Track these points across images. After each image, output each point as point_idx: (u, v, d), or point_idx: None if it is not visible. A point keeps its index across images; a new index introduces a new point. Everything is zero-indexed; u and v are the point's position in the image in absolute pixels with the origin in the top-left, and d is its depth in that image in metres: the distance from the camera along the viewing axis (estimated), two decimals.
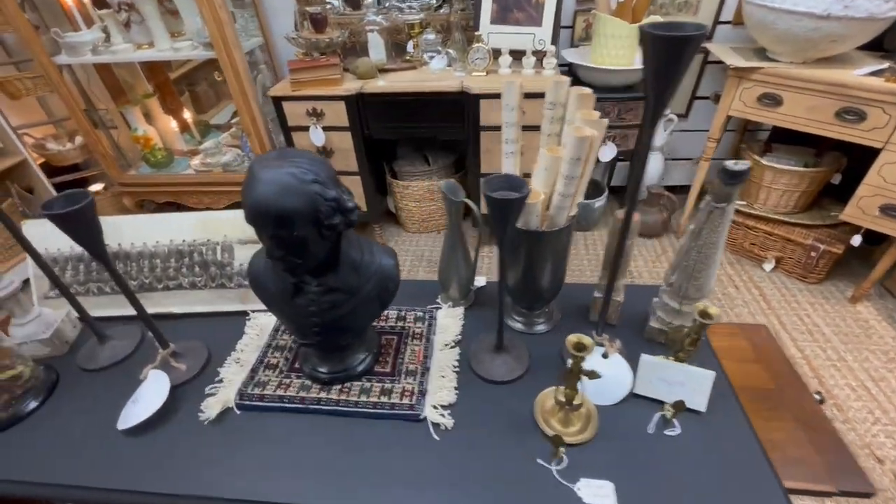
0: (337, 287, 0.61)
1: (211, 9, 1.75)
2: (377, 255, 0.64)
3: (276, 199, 0.48)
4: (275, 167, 0.50)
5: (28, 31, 1.88)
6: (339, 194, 0.52)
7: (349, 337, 0.67)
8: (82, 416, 0.70)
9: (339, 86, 1.78)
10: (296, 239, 0.52)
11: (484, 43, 1.74)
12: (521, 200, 0.52)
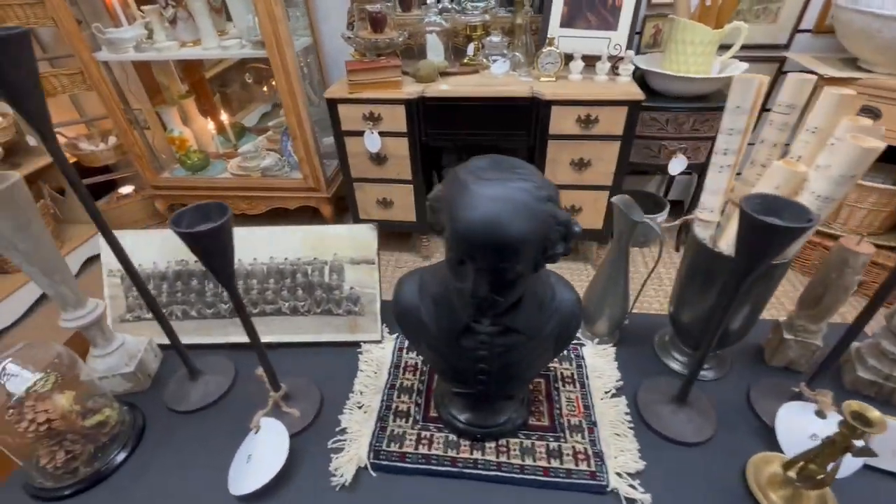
0: (515, 328, 0.49)
1: (266, 5, 1.65)
2: (558, 289, 0.52)
3: (508, 222, 0.36)
4: (499, 180, 0.38)
5: (71, 24, 1.78)
6: (568, 216, 0.40)
7: (517, 385, 0.55)
8: (181, 473, 0.58)
9: (400, 89, 1.68)
10: (515, 273, 0.40)
11: (555, 46, 1.63)
12: (802, 230, 0.40)
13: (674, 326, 0.68)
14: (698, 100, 1.73)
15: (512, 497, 0.54)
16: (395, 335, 0.75)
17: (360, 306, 0.73)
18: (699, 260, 0.59)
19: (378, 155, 1.80)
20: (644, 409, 0.61)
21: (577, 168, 1.73)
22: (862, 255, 0.54)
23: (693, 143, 1.78)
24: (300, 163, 2.07)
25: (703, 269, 0.58)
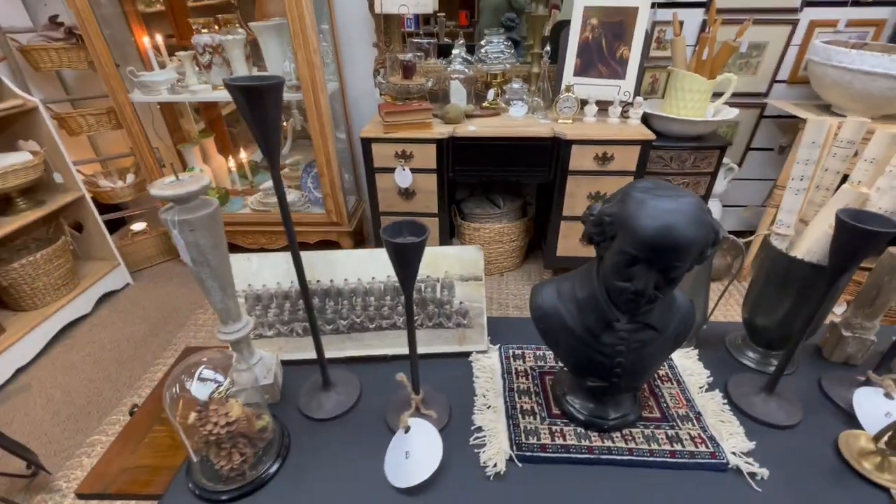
0: (651, 324, 0.58)
1: (307, 53, 1.78)
2: (676, 293, 0.62)
3: (683, 227, 0.46)
4: (670, 196, 0.48)
5: (111, 67, 1.86)
6: (718, 225, 0.50)
7: (645, 378, 0.63)
8: (335, 473, 0.62)
9: (431, 129, 1.81)
10: (681, 271, 0.49)
11: (573, 93, 1.82)
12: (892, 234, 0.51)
13: (748, 329, 0.78)
14: (696, 140, 1.92)
15: (641, 479, 0.61)
16: (497, 345, 0.82)
17: (469, 319, 0.80)
18: (777, 268, 0.70)
19: (407, 190, 1.90)
20: (738, 400, 0.70)
21: (594, 201, 1.87)
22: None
23: (694, 178, 1.96)
24: (325, 198, 2.15)
25: (782, 275, 0.70)
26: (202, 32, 1.94)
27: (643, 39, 1.80)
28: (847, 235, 0.52)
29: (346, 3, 2.02)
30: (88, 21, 1.77)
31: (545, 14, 1.87)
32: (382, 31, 1.99)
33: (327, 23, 2.02)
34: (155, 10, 2.27)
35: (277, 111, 0.49)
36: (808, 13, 1.94)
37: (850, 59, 1.63)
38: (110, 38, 1.90)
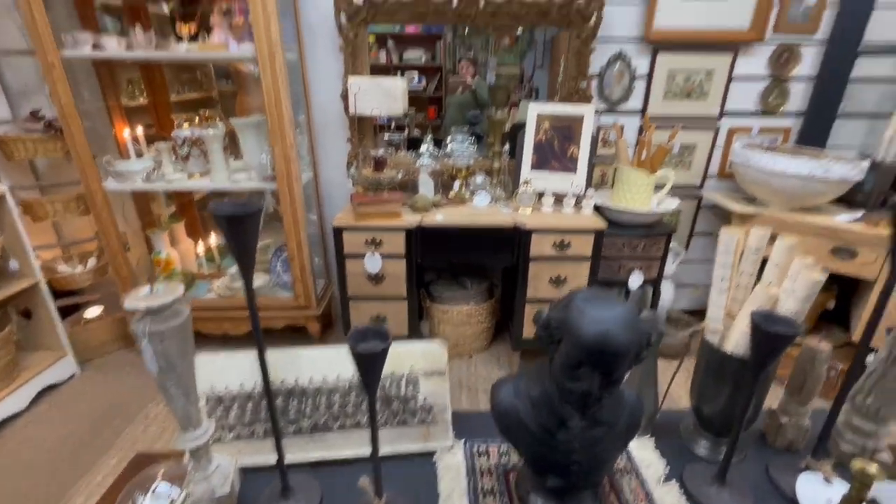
0: (602, 420, 0.62)
1: (284, 148, 1.90)
2: (622, 388, 0.67)
3: (620, 333, 0.52)
4: (608, 305, 0.55)
5: (87, 157, 1.91)
6: (649, 329, 0.57)
7: (602, 473, 0.65)
8: None
9: (401, 218, 1.91)
10: (620, 373, 0.55)
11: (528, 186, 1.99)
12: (794, 336, 0.59)
13: (697, 416, 0.83)
14: (645, 227, 2.10)
15: None
16: (462, 440, 0.83)
17: (433, 415, 0.81)
18: (712, 361, 0.76)
19: (377, 275, 1.95)
20: (694, 491, 0.72)
21: (556, 284, 1.97)
22: (824, 351, 0.75)
23: (646, 262, 2.11)
24: (294, 282, 2.16)
25: (717, 367, 0.76)
26: (184, 127, 2.05)
27: (590, 141, 2.03)
28: (760, 336, 0.60)
29: (322, 101, 2.21)
30: (70, 115, 1.85)
31: (504, 118, 2.10)
32: (356, 128, 2.16)
33: (304, 113, 2.18)
34: (138, 103, 2.39)
35: (255, 234, 0.54)
36: (726, 121, 2.26)
37: (764, 161, 1.88)
38: (90, 130, 1.98)
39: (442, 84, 3.61)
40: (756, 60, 2.14)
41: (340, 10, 1.96)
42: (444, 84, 3.60)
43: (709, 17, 2.04)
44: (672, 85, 2.18)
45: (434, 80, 3.69)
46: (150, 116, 2.39)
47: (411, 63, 3.69)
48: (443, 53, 3.62)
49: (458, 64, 3.49)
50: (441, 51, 3.61)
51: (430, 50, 3.65)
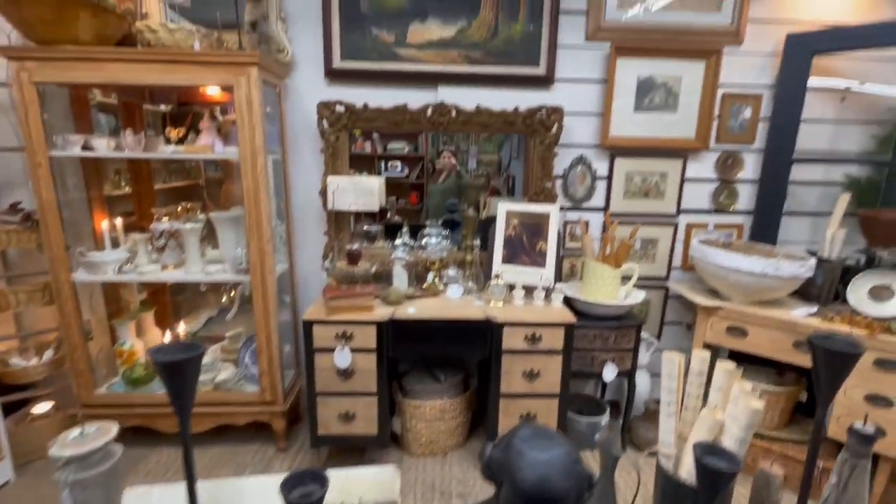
0: None
1: (260, 243, 1.94)
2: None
3: (559, 480, 0.52)
4: (546, 447, 0.55)
5: (60, 250, 1.91)
6: (589, 474, 0.57)
7: None
8: None
9: (372, 312, 1.91)
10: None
11: (500, 279, 2.04)
12: (734, 474, 0.59)
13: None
14: (615, 319, 2.13)
15: None
16: None
17: None
18: (668, 487, 0.75)
19: (346, 370, 1.90)
20: None
21: (529, 378, 1.95)
22: (777, 477, 0.74)
23: (619, 354, 2.12)
24: (261, 375, 2.09)
25: (672, 495, 0.75)
26: (163, 221, 2.09)
27: (556, 236, 2.14)
28: (702, 472, 0.60)
29: (302, 197, 2.30)
30: (49, 209, 1.88)
31: (475, 215, 2.21)
32: (333, 222, 2.24)
33: (283, 206, 2.26)
34: (122, 192, 2.46)
35: (194, 380, 0.54)
36: (684, 218, 2.41)
37: (720, 258, 1.99)
38: (69, 220, 2.01)
39: (424, 172, 3.83)
40: (704, 165, 2.35)
41: (323, 117, 2.13)
42: (425, 172, 3.82)
43: (658, 129, 2.27)
44: (631, 185, 2.35)
45: (416, 168, 3.93)
46: (132, 204, 2.44)
47: (395, 153, 3.94)
48: (425, 144, 3.88)
49: (440, 154, 3.74)
50: (423, 142, 3.88)
51: (413, 141, 3.92)
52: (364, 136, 3.95)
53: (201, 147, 1.97)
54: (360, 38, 2.13)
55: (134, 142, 1.93)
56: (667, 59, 2.20)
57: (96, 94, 2.24)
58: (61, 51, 1.71)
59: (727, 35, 2.19)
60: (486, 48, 2.16)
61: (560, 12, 2.13)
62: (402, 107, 2.14)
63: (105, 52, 1.74)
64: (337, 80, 2.19)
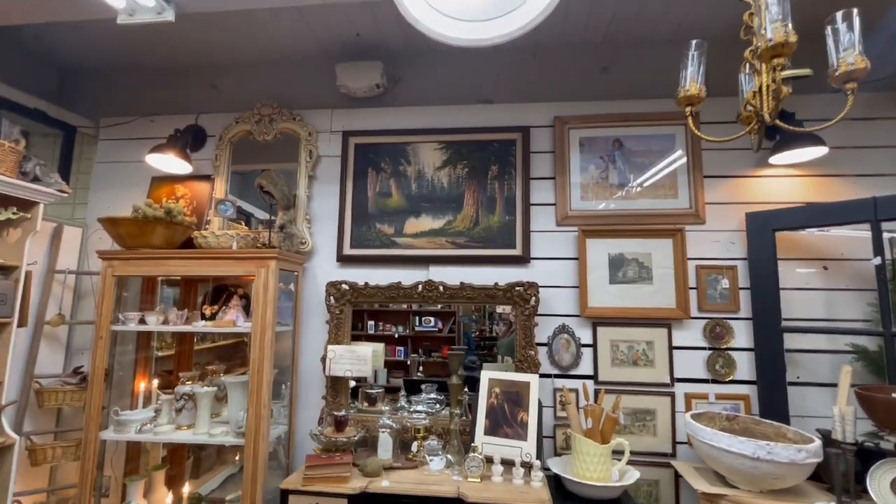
0: None
1: (258, 407, 2.15)
2: None
3: None
4: None
5: (97, 408, 2.23)
6: None
7: None
8: None
9: (347, 483, 1.95)
10: None
11: (479, 453, 2.03)
12: None
13: None
14: (610, 502, 1.97)
15: None
16: None
17: None
18: None
19: None
20: None
21: None
22: None
23: None
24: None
25: None
26: (186, 384, 2.40)
27: (537, 407, 2.15)
28: None
29: (309, 362, 2.56)
30: (98, 373, 2.26)
31: (460, 383, 2.31)
32: (329, 387, 2.43)
33: (290, 372, 2.50)
34: (169, 353, 2.87)
35: None
36: (681, 387, 2.33)
37: (708, 436, 1.87)
38: (117, 380, 2.37)
39: (457, 325, 4.05)
40: (691, 333, 2.37)
41: (330, 294, 2.51)
42: (458, 325, 4.03)
43: (636, 299, 2.39)
44: (617, 353, 2.39)
45: (449, 322, 4.17)
46: (174, 362, 2.82)
47: (429, 310, 4.25)
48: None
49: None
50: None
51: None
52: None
53: (226, 322, 2.37)
54: (366, 231, 2.62)
55: (177, 318, 2.38)
56: (634, 238, 2.43)
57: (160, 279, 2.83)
58: (138, 253, 2.30)
59: (688, 216, 2.42)
60: (469, 235, 2.54)
61: (531, 205, 2.52)
62: (397, 284, 2.48)
63: (168, 254, 2.30)
64: (346, 264, 2.63)
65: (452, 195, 2.59)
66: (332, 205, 2.68)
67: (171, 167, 2.68)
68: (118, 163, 2.94)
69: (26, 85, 2.73)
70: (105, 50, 2.81)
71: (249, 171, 2.80)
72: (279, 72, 2.86)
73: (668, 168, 2.48)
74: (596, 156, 2.52)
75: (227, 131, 2.79)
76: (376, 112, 2.73)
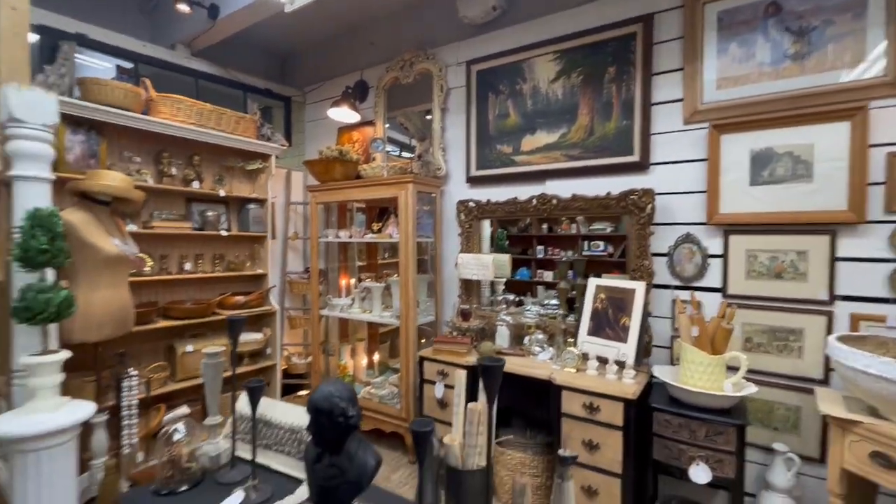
0: (335, 464, 1.06)
1: (406, 298, 2.80)
2: (367, 455, 1.08)
3: (318, 402, 1.04)
4: (323, 386, 1.07)
5: (316, 295, 3.29)
6: (346, 407, 1.04)
7: (346, 500, 1.06)
8: None
9: (464, 357, 2.43)
10: (322, 424, 1.04)
11: (575, 348, 2.20)
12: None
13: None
14: (717, 412, 1.90)
15: None
16: None
17: None
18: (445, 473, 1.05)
19: (441, 401, 2.45)
20: None
21: (588, 448, 2.00)
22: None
23: (714, 454, 1.86)
24: (401, 397, 2.85)
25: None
26: (365, 280, 3.26)
27: (641, 313, 2.15)
28: None
29: (449, 269, 3.08)
30: (314, 271, 3.30)
31: (567, 287, 2.45)
32: (463, 287, 2.91)
33: (434, 275, 3.09)
34: (364, 263, 3.86)
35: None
36: (846, 306, 1.91)
37: (856, 360, 1.57)
38: (331, 279, 3.42)
39: (626, 251, 4.03)
40: (867, 242, 1.87)
41: (460, 211, 2.92)
42: (628, 251, 4.02)
43: (786, 202, 2.01)
44: (755, 264, 2.09)
45: (620, 247, 4.16)
46: (367, 271, 3.80)
47: (597, 233, 4.31)
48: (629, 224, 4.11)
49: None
50: (627, 223, 4.12)
51: (616, 221, 4.20)
52: (569, 219, 4.50)
53: (385, 235, 3.06)
54: (488, 153, 2.87)
55: (355, 233, 3.21)
56: (789, 126, 1.99)
57: (354, 205, 3.75)
58: (325, 185, 3.16)
59: (878, 88, 1.82)
60: (583, 146, 2.52)
61: (652, 104, 2.30)
62: (513, 199, 2.70)
63: (342, 185, 3.09)
64: (474, 185, 2.97)
65: (567, 106, 2.57)
66: (462, 134, 3.00)
67: (345, 118, 3.44)
68: (317, 120, 3.92)
69: (258, 72, 3.86)
70: (297, 33, 3.69)
71: (401, 113, 3.34)
72: (414, 16, 3.22)
73: (850, 25, 1.87)
74: (739, 32, 2.08)
75: (380, 81, 3.37)
76: (494, 36, 2.84)
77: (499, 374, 0.91)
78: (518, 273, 2.96)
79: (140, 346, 2.64)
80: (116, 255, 2.09)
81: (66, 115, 2.20)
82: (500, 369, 0.91)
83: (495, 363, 0.90)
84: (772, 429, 2.07)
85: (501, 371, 0.91)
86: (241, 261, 3.24)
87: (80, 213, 2.05)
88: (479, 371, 0.88)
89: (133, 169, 2.66)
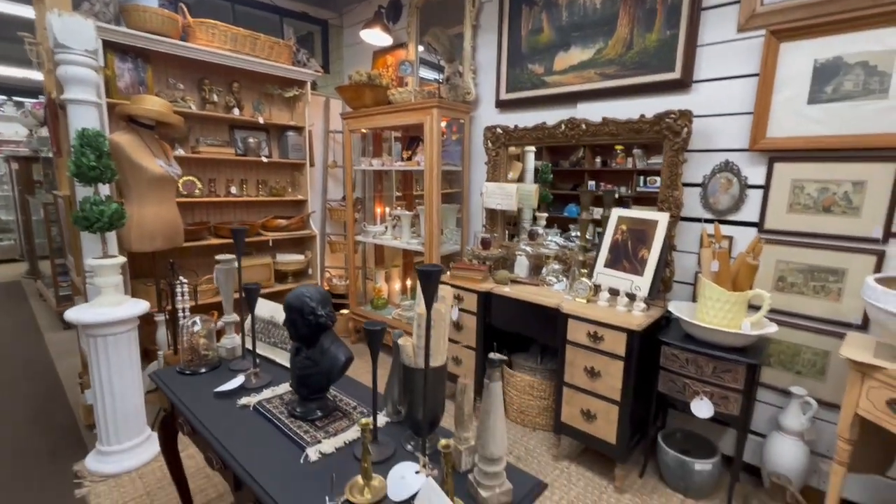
0: (310, 357, 1.18)
1: (430, 225, 2.86)
2: (339, 351, 1.19)
3: (291, 300, 1.14)
4: (300, 288, 1.17)
5: (352, 221, 3.44)
6: (316, 307, 1.13)
7: (314, 392, 1.20)
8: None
9: (478, 284, 2.48)
10: (294, 320, 1.15)
11: (588, 279, 2.16)
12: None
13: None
14: (729, 350, 1.82)
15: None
16: None
17: None
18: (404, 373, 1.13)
19: (457, 323, 2.56)
20: None
21: (590, 375, 2.02)
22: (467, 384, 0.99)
23: (719, 391, 1.82)
24: None
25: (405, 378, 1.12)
26: (396, 209, 3.34)
27: (661, 245, 2.03)
28: None
29: (475, 197, 3.06)
30: (349, 201, 3.43)
31: (588, 219, 2.36)
32: (488, 216, 2.90)
33: (461, 205, 3.10)
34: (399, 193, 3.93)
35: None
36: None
37: (876, 295, 1.42)
38: (367, 207, 3.56)
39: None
40: None
41: (487, 138, 2.83)
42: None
43: (852, 123, 1.72)
44: (800, 196, 1.86)
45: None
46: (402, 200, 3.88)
47: (655, 168, 4.03)
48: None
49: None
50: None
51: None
52: (625, 151, 4.22)
53: (412, 163, 3.07)
54: (519, 73, 2.70)
55: (386, 161, 3.24)
56: (868, 29, 1.65)
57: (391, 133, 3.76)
58: (356, 112, 3.17)
59: None
60: (620, 62, 2.28)
61: (702, 9, 2.00)
62: (542, 125, 2.56)
63: (370, 111, 3.08)
64: (504, 109, 2.83)
65: (605, 16, 2.30)
66: (493, 54, 2.82)
67: (377, 40, 3.34)
68: (354, 45, 3.85)
69: None
70: None
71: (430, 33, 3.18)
72: None
73: None
74: None
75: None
76: None
77: (436, 278, 0.94)
78: (566, 209, 2.85)
79: (195, 260, 2.97)
80: (161, 175, 2.31)
81: (112, 42, 2.36)
82: (438, 274, 0.93)
83: (433, 268, 0.92)
84: (794, 372, 1.95)
85: (439, 276, 0.94)
86: (282, 186, 3.43)
87: (128, 135, 2.26)
88: (418, 275, 0.91)
89: (178, 96, 2.84)
